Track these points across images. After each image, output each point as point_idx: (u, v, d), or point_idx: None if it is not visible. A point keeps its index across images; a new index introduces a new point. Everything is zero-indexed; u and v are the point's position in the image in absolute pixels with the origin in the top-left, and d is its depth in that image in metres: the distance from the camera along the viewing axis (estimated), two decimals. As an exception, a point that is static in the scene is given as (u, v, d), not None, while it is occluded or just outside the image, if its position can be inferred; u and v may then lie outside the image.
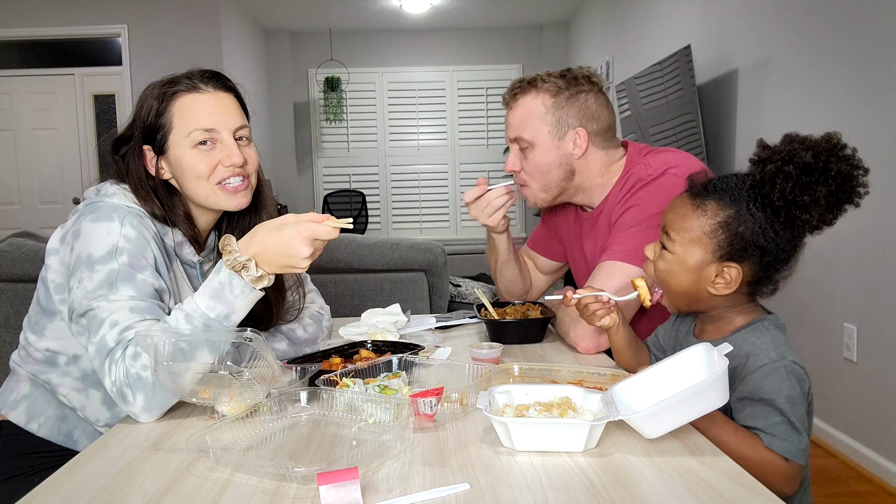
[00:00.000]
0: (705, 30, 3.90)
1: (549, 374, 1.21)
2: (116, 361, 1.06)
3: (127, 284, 1.11)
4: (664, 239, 1.13)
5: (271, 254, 1.09)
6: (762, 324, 1.08)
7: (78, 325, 1.12)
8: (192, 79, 1.24)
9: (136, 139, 1.24)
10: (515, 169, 1.55)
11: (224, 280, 1.09)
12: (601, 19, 5.93)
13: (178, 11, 5.51)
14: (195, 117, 1.21)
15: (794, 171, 0.99)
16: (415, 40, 7.21)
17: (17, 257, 2.44)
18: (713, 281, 1.08)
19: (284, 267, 1.10)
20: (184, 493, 0.81)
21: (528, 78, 1.52)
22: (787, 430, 0.99)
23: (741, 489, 0.79)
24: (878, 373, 2.56)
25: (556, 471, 0.84)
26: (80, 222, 1.15)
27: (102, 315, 1.09)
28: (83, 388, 1.24)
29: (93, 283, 1.10)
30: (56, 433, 1.25)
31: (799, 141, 1.01)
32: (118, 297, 1.10)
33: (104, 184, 1.25)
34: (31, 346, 1.24)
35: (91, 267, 1.11)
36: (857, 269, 2.64)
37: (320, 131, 7.29)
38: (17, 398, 1.25)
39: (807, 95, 2.93)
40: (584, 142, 1.50)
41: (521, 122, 1.51)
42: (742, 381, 1.04)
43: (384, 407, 0.99)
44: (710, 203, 1.08)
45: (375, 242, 2.70)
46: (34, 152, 5.84)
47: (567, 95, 1.49)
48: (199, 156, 1.21)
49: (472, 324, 1.71)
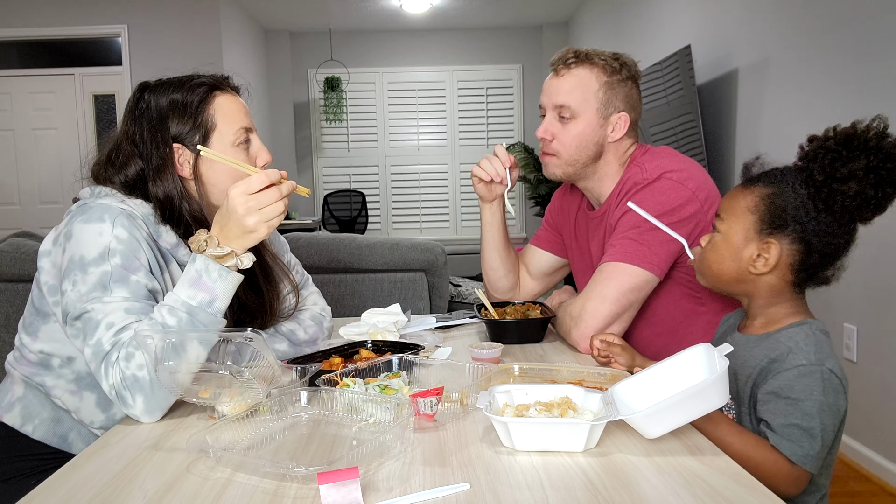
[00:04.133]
0: (705, 30, 3.90)
1: (550, 373, 1.22)
2: (112, 364, 1.05)
3: (120, 286, 1.10)
4: (716, 222, 1.15)
5: (229, 230, 1.11)
6: (809, 326, 1.07)
7: (73, 328, 1.12)
8: (218, 80, 1.26)
9: (156, 138, 1.21)
10: (548, 137, 1.55)
11: (200, 267, 1.10)
12: (601, 19, 5.93)
13: (178, 11, 5.51)
14: (236, 117, 1.23)
15: (835, 145, 1.03)
16: (415, 40, 7.21)
17: (17, 257, 2.44)
18: (754, 260, 1.08)
19: (246, 237, 1.11)
20: (184, 493, 0.81)
21: (582, 51, 1.52)
22: (801, 434, 0.98)
23: (741, 489, 0.79)
24: (877, 373, 2.56)
25: (556, 470, 0.84)
26: (72, 223, 1.15)
27: (97, 317, 1.08)
28: (77, 391, 1.23)
29: (86, 286, 1.09)
30: (51, 435, 1.24)
31: (841, 127, 1.05)
32: (112, 298, 1.09)
33: (95, 186, 1.25)
34: (26, 348, 1.23)
35: (84, 269, 1.10)
36: (857, 269, 2.63)
37: (320, 131, 7.29)
38: (11, 400, 1.25)
39: (806, 95, 2.93)
40: (625, 127, 1.53)
41: (571, 91, 1.50)
42: (775, 376, 1.03)
43: (384, 407, 0.99)
44: (757, 184, 1.10)
45: (375, 242, 2.70)
46: (34, 152, 5.85)
47: (619, 78, 1.51)
48: (239, 154, 1.23)
49: (472, 324, 1.71)
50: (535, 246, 1.84)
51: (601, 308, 1.42)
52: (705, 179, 1.48)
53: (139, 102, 1.24)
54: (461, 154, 7.34)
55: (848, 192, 1.01)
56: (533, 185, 6.64)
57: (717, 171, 3.71)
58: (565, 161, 1.55)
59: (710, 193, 1.46)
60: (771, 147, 2.88)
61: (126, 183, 1.23)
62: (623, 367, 1.25)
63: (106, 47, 6.45)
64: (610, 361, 1.27)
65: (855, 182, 1.01)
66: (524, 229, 7.30)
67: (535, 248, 1.84)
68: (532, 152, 6.68)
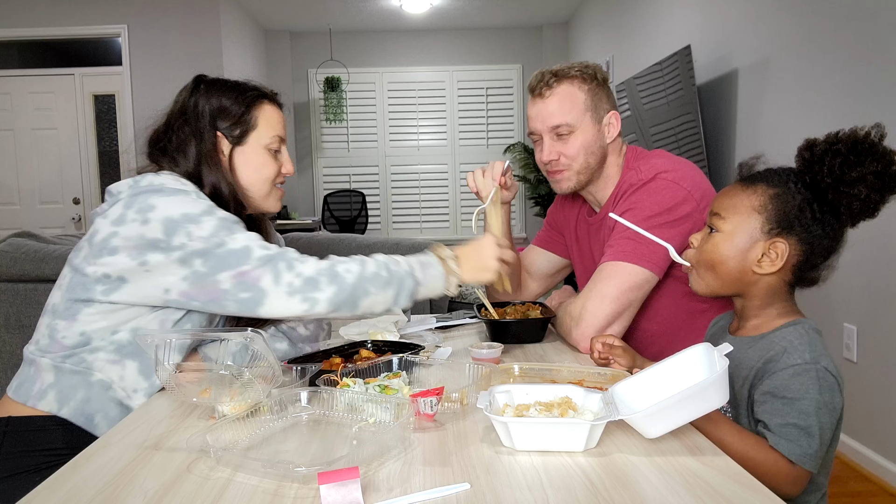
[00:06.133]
0: (705, 30, 3.90)
1: (550, 373, 1.22)
2: (292, 261, 1.16)
3: (240, 228, 1.20)
4: (712, 221, 1.14)
5: (472, 261, 1.31)
6: (801, 326, 1.07)
7: (205, 266, 1.15)
8: (268, 91, 1.39)
9: (207, 123, 1.30)
10: (554, 158, 1.57)
11: (431, 261, 1.29)
12: (601, 19, 5.93)
13: (178, 12, 5.51)
14: (275, 125, 1.36)
15: (843, 148, 1.03)
16: (415, 40, 7.22)
17: (18, 257, 2.44)
18: (759, 260, 1.08)
19: (479, 273, 1.32)
20: (184, 492, 0.81)
21: (553, 70, 1.55)
22: (798, 433, 0.99)
23: (741, 489, 0.79)
24: (877, 373, 2.56)
25: (556, 470, 0.84)
26: (146, 200, 1.18)
27: (237, 244, 1.16)
28: (119, 360, 1.23)
29: (208, 229, 1.16)
30: (79, 415, 1.24)
31: (844, 132, 1.06)
32: (241, 234, 1.18)
33: (146, 175, 1.27)
34: (59, 333, 1.23)
35: (196, 220, 1.16)
36: (857, 270, 2.64)
37: (320, 131, 7.30)
38: (42, 388, 1.24)
39: (807, 95, 2.93)
40: (618, 123, 1.56)
41: (562, 109, 1.53)
42: (771, 376, 1.03)
43: (384, 407, 0.99)
44: (759, 184, 1.10)
45: (375, 242, 2.70)
46: (34, 152, 5.84)
47: (597, 83, 1.55)
48: (269, 159, 1.35)
49: (472, 324, 1.71)
50: (537, 246, 1.85)
51: (601, 307, 1.42)
52: (701, 179, 1.49)
53: (194, 93, 1.33)
54: (461, 154, 7.34)
55: (858, 196, 1.02)
56: (533, 185, 6.65)
57: (717, 171, 3.71)
58: (577, 171, 1.56)
59: (705, 192, 1.47)
60: (771, 147, 2.88)
61: (186, 171, 1.30)
62: (623, 368, 1.25)
63: (106, 47, 6.45)
64: (609, 363, 1.27)
65: (864, 186, 1.02)
66: (524, 229, 7.30)
67: (536, 249, 1.85)
68: (532, 152, 6.67)
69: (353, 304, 1.20)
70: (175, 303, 1.20)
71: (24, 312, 2.49)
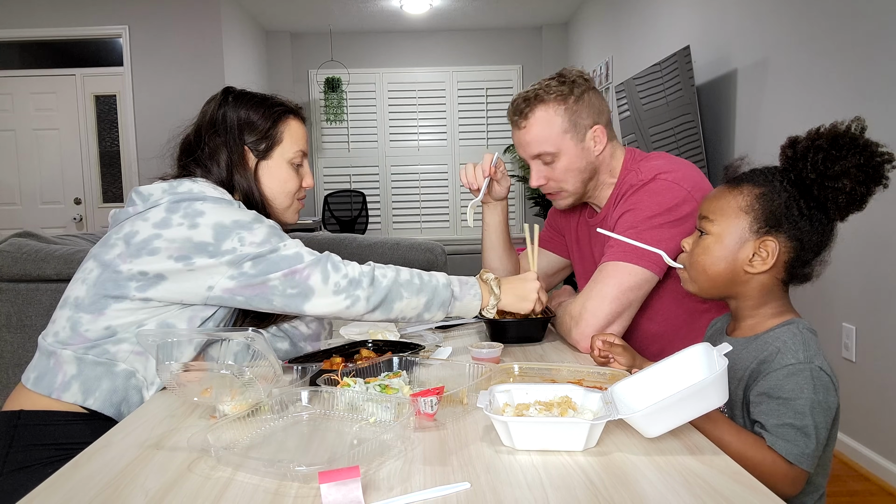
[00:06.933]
0: (704, 30, 3.90)
1: (549, 373, 1.22)
2: (338, 263, 1.24)
3: (287, 236, 1.25)
4: (702, 224, 1.14)
5: (516, 290, 1.41)
6: (795, 325, 1.08)
7: (255, 269, 1.20)
8: (294, 107, 1.43)
9: (235, 136, 1.34)
10: (543, 183, 1.58)
11: (471, 281, 1.37)
12: (600, 20, 5.94)
13: (179, 12, 5.52)
14: (299, 141, 1.41)
15: (825, 144, 1.04)
16: (415, 41, 7.22)
17: (18, 257, 2.44)
18: (750, 260, 1.09)
19: (519, 303, 1.41)
20: (185, 492, 0.81)
21: (529, 94, 1.53)
22: (795, 433, 0.99)
23: (741, 488, 0.79)
24: (876, 373, 2.56)
25: (556, 470, 0.85)
26: (192, 206, 1.21)
27: (289, 250, 1.22)
28: (143, 352, 1.24)
29: (261, 236, 1.21)
30: (108, 406, 1.25)
31: (825, 128, 1.07)
32: (290, 240, 1.24)
33: (182, 181, 1.29)
34: (83, 326, 1.23)
35: (248, 227, 1.21)
36: (857, 269, 2.64)
37: (321, 132, 7.30)
38: (65, 380, 1.24)
39: (806, 95, 2.93)
40: (603, 137, 1.54)
41: (540, 137, 1.52)
42: (765, 377, 1.04)
43: (385, 406, 0.99)
44: (745, 185, 1.11)
45: (375, 242, 2.70)
46: (35, 152, 5.85)
47: (574, 99, 1.51)
48: (292, 172, 1.40)
49: (472, 324, 1.71)
50: (538, 247, 1.85)
51: (601, 307, 1.42)
52: (700, 179, 1.50)
53: (222, 105, 1.36)
54: (461, 154, 7.34)
55: (843, 189, 1.03)
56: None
57: (717, 171, 3.71)
58: (571, 192, 1.58)
59: (705, 193, 1.46)
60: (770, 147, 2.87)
61: (219, 178, 1.33)
62: (623, 367, 1.25)
63: (107, 48, 6.45)
64: (609, 362, 1.27)
65: (848, 179, 1.02)
66: (524, 229, 7.29)
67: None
68: (532, 153, 6.67)
69: (388, 307, 1.27)
70: (217, 299, 1.22)
71: (24, 312, 2.50)
